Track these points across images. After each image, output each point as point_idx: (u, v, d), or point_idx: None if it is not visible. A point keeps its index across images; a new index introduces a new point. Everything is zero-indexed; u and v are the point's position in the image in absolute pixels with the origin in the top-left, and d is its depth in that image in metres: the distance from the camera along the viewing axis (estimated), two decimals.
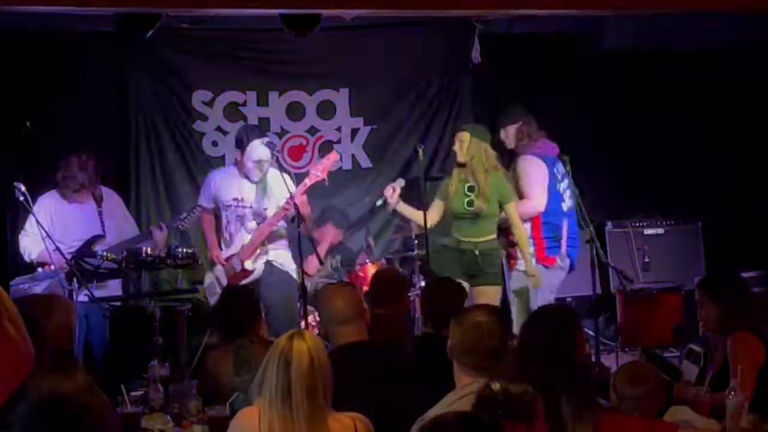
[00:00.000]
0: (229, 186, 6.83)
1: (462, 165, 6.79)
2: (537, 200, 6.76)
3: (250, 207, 6.74)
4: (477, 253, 6.72)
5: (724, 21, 7.81)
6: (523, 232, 6.82)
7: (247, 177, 6.75)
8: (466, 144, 6.79)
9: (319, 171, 6.69)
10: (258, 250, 6.72)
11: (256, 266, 6.74)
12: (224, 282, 6.80)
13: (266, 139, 6.78)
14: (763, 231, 7.81)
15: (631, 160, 8.58)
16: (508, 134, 6.96)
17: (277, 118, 8.14)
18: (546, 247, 6.70)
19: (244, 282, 6.73)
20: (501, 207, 6.76)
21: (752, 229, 8.28)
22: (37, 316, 4.65)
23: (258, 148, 6.68)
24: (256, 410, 3.29)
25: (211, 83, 8.07)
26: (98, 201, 6.88)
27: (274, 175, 6.72)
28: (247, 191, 6.76)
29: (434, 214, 6.85)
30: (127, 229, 7.01)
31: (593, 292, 6.55)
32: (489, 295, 6.57)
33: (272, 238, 6.74)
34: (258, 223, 6.72)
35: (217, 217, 6.95)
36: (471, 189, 6.76)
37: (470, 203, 6.74)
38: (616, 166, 8.61)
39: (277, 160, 6.63)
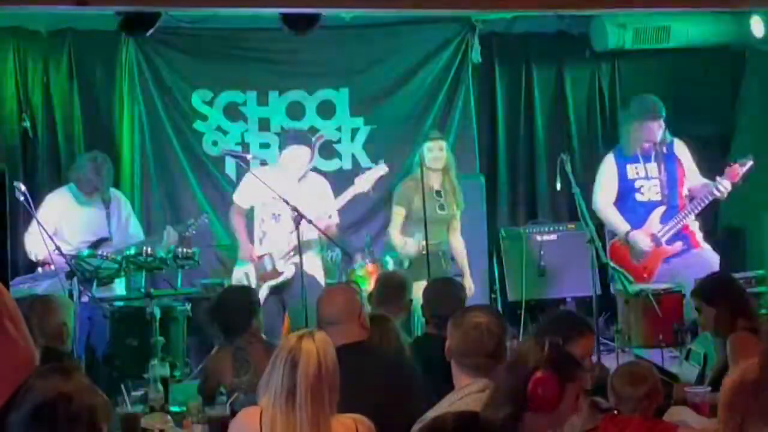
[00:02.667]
0: (267, 182, 6.79)
1: (435, 170, 7.08)
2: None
3: (291, 206, 6.69)
4: (440, 254, 7.01)
5: (724, 19, 7.83)
6: (462, 242, 7.26)
7: (285, 177, 6.76)
8: (444, 153, 7.13)
9: (363, 181, 6.86)
10: (292, 252, 6.68)
11: (286, 269, 6.72)
12: (253, 279, 6.77)
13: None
14: (763, 231, 7.80)
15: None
16: (654, 129, 7.12)
17: (277, 118, 8.14)
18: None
19: (272, 283, 6.72)
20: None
21: (751, 230, 8.28)
22: (36, 316, 4.68)
23: (292, 152, 6.81)
24: (257, 410, 3.28)
25: (211, 83, 8.06)
26: (106, 203, 6.89)
27: (312, 180, 6.90)
28: (286, 190, 6.68)
29: (398, 221, 7.09)
30: (133, 230, 7.01)
31: (593, 292, 6.54)
32: None
33: (303, 246, 6.66)
34: (296, 224, 6.65)
35: (247, 216, 6.99)
36: (439, 193, 7.10)
37: (441, 207, 7.08)
38: None
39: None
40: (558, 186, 6.83)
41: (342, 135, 8.25)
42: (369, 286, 6.91)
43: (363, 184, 6.85)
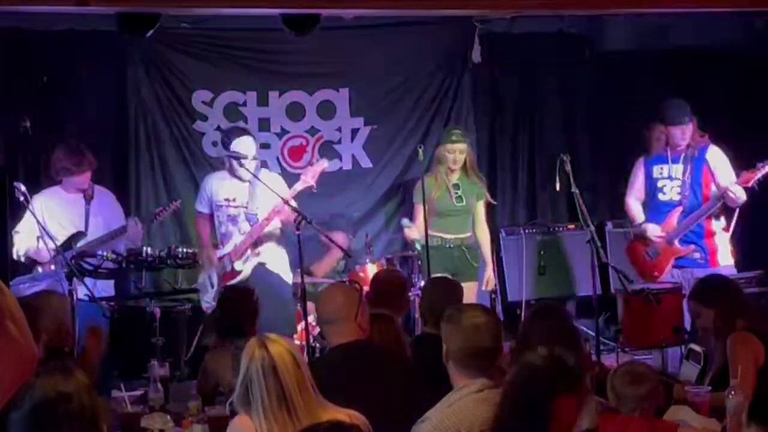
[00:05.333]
0: (220, 187, 6.85)
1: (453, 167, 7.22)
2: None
3: (244, 207, 6.75)
4: (464, 249, 7.15)
5: (723, 20, 7.83)
6: (487, 233, 7.35)
7: (237, 177, 6.76)
8: (464, 154, 7.24)
9: (308, 177, 6.72)
10: (248, 251, 6.73)
11: (245, 267, 6.74)
12: (215, 282, 6.80)
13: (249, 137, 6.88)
14: (763, 230, 7.80)
15: (631, 160, 8.56)
16: (687, 131, 7.07)
17: (277, 118, 8.14)
18: None
19: (231, 282, 6.74)
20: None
21: (751, 229, 8.27)
22: (35, 315, 4.68)
23: (239, 144, 6.75)
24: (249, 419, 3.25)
25: (211, 83, 8.06)
26: (88, 199, 6.87)
27: (266, 176, 6.80)
28: (238, 192, 6.76)
29: (417, 217, 7.10)
30: (117, 216, 6.99)
31: (593, 292, 6.55)
32: (470, 290, 6.76)
33: (262, 238, 6.74)
34: (251, 224, 6.73)
35: (212, 220, 6.98)
36: (456, 186, 7.19)
37: (459, 199, 7.17)
38: (616, 166, 8.61)
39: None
40: (557, 186, 6.82)
41: (342, 135, 8.25)
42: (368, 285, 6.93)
43: (308, 179, 6.77)
